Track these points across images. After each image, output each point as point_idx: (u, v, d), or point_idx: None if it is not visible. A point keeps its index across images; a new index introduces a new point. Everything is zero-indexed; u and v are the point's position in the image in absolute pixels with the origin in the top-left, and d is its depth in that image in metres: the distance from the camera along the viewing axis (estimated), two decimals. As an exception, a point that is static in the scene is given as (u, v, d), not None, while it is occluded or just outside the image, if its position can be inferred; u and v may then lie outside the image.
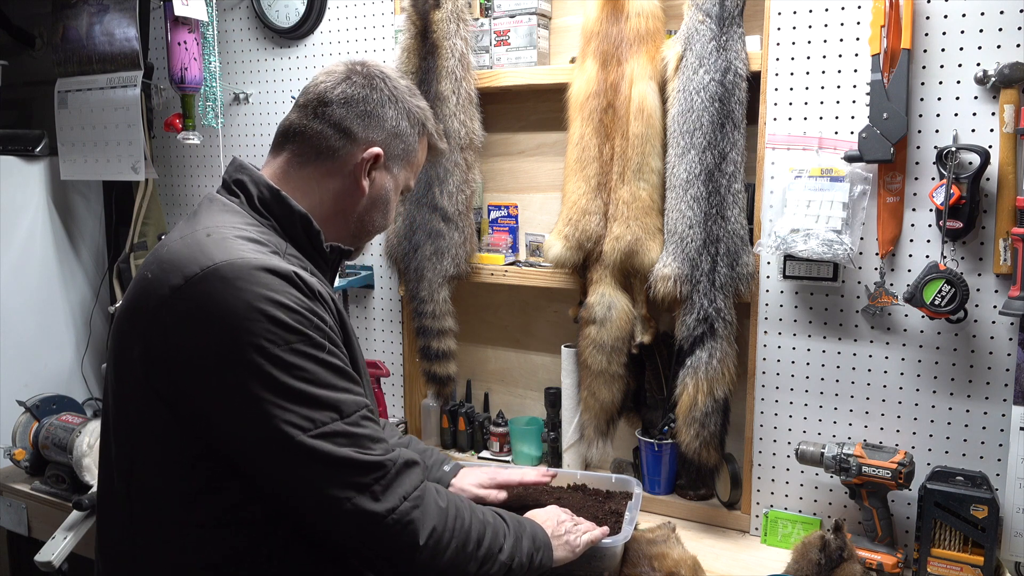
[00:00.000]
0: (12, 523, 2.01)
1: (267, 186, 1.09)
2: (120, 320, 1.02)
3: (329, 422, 0.94)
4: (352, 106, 1.13)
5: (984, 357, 1.45)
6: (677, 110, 1.62)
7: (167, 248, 1.00)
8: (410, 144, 1.19)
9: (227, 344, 0.91)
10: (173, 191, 2.48)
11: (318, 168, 1.12)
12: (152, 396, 0.95)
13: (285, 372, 0.92)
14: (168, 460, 0.98)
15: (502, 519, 1.14)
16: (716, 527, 1.73)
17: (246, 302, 0.92)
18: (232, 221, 1.04)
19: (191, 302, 0.92)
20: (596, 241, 1.72)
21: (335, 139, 1.12)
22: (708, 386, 1.63)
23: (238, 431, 0.93)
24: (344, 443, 0.94)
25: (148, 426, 0.98)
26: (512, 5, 1.87)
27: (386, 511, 0.95)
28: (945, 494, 1.39)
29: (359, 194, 1.14)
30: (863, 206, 1.50)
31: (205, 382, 0.92)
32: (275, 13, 2.18)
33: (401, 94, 1.18)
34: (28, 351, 2.34)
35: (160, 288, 0.94)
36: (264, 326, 0.91)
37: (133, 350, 0.96)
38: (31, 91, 2.74)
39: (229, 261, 0.94)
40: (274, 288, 0.94)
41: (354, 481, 0.94)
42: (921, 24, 1.44)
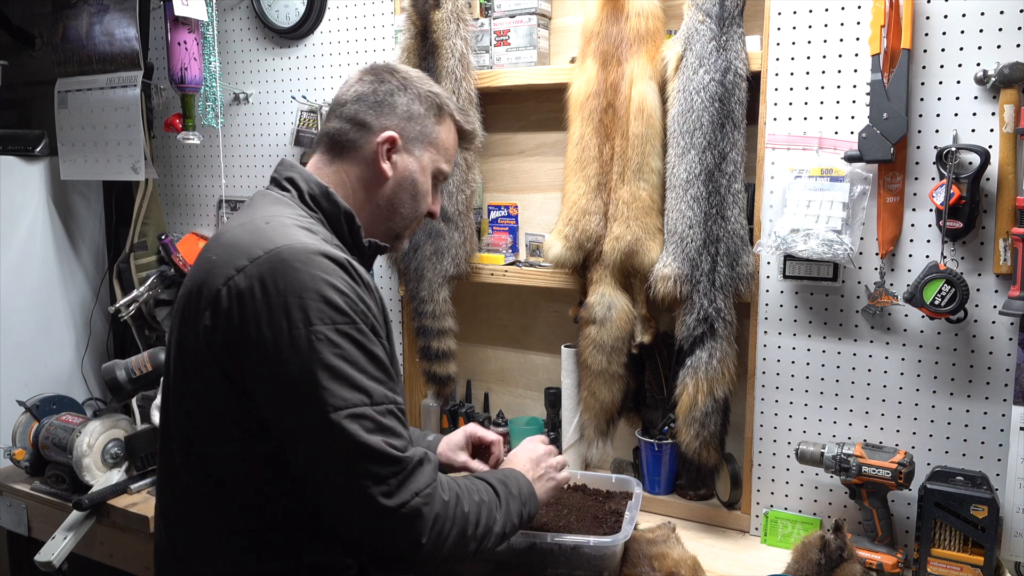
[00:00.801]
0: (12, 523, 2.01)
1: (316, 183, 1.19)
2: (185, 298, 1.09)
3: (360, 405, 0.98)
4: (364, 100, 1.23)
5: (984, 357, 1.45)
6: (677, 110, 1.62)
7: (229, 234, 1.09)
8: (427, 126, 1.26)
9: (279, 316, 0.98)
10: (173, 191, 2.48)
11: (343, 161, 1.23)
12: (214, 368, 1.02)
13: (329, 348, 0.98)
14: (224, 431, 1.05)
15: (492, 488, 1.18)
16: (716, 527, 1.73)
17: (301, 282, 0.99)
18: (286, 212, 1.13)
19: (252, 279, 1.00)
20: (596, 241, 1.72)
21: (353, 132, 1.22)
22: (708, 386, 1.63)
23: (276, 399, 1.00)
24: (370, 429, 0.98)
25: (208, 397, 1.05)
26: (512, 5, 1.87)
27: (396, 506, 0.98)
28: (945, 494, 1.39)
29: (383, 177, 1.23)
30: (863, 206, 1.50)
31: (255, 351, 0.99)
32: (275, 13, 2.18)
33: (411, 82, 1.26)
34: (28, 351, 2.34)
35: (226, 268, 1.03)
36: (315, 304, 0.99)
37: (198, 324, 1.03)
38: (31, 91, 2.74)
39: (289, 245, 1.03)
40: (328, 271, 1.02)
41: (371, 470, 0.97)
42: (921, 24, 1.44)
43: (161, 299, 2.36)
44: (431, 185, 1.29)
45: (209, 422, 1.06)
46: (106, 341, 2.58)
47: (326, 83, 2.17)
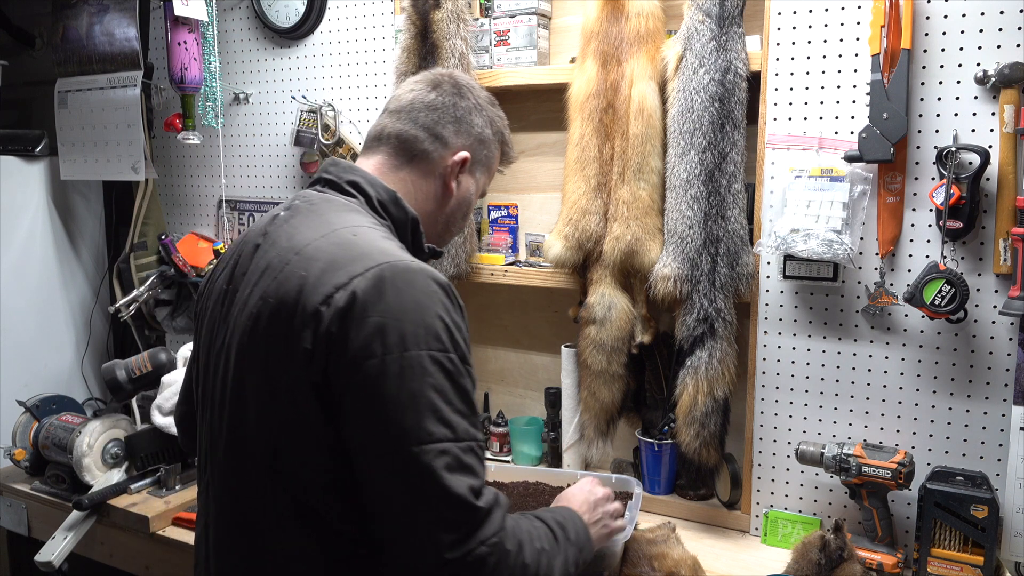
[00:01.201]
0: (12, 523, 2.01)
1: (384, 188, 1.14)
2: (265, 315, 1.01)
3: (443, 440, 0.93)
4: (444, 112, 1.20)
5: (984, 357, 1.45)
6: (677, 110, 1.62)
7: (313, 246, 1.02)
8: (491, 151, 1.27)
9: (376, 338, 0.94)
10: (173, 191, 2.47)
11: (413, 170, 1.19)
12: (308, 391, 0.97)
13: (422, 378, 0.94)
14: (316, 459, 0.99)
15: (552, 534, 1.11)
16: (716, 527, 1.73)
17: (403, 304, 0.95)
18: (364, 221, 1.08)
19: (355, 298, 0.95)
20: (596, 241, 1.72)
21: (428, 143, 1.18)
22: (708, 386, 1.63)
23: (361, 423, 0.95)
24: (451, 467, 0.93)
25: (301, 424, 0.99)
26: (512, 5, 1.87)
27: (461, 555, 0.93)
28: (945, 494, 1.39)
29: (448, 196, 1.22)
30: (863, 206, 1.50)
31: (349, 371, 0.95)
32: (275, 13, 2.18)
33: (485, 103, 1.26)
34: (28, 351, 2.34)
35: (322, 285, 0.97)
36: (413, 328, 0.95)
37: (295, 346, 0.97)
38: (31, 91, 2.74)
39: (391, 263, 0.98)
40: (430, 294, 0.98)
41: (443, 514, 0.93)
42: (921, 24, 1.44)
43: (161, 299, 2.37)
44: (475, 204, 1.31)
45: (301, 449, 0.99)
46: (106, 341, 2.58)
47: (326, 83, 2.17)
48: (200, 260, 2.31)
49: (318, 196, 1.14)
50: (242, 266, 1.11)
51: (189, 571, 1.72)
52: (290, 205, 1.14)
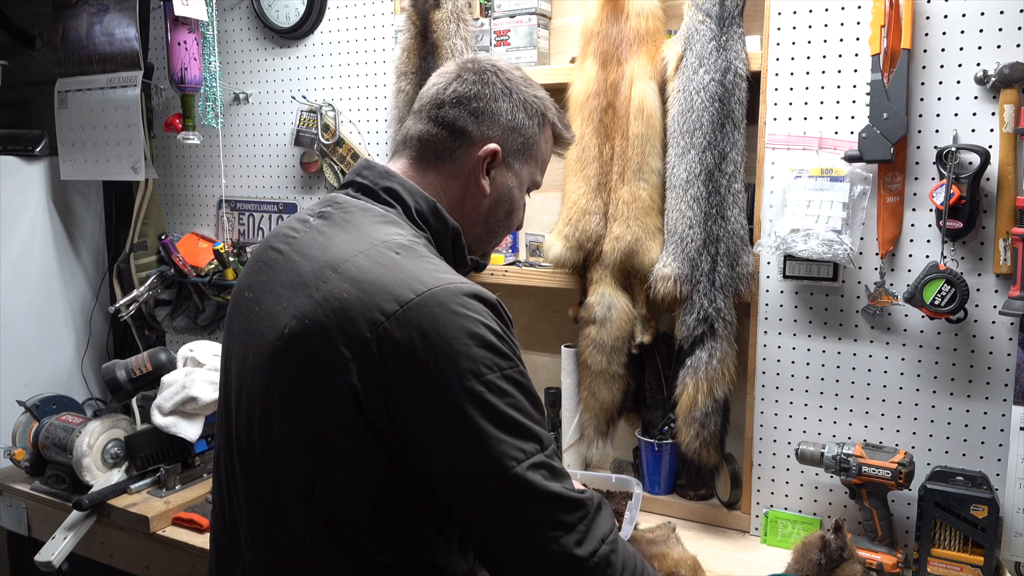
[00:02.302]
0: (12, 523, 2.01)
1: (423, 197, 1.07)
2: (300, 336, 0.94)
3: (535, 453, 0.91)
4: (465, 104, 1.10)
5: (984, 357, 1.45)
6: (677, 110, 1.62)
7: (353, 264, 0.95)
8: (530, 137, 1.14)
9: (446, 368, 0.89)
10: (173, 191, 2.47)
11: (439, 172, 1.11)
12: (360, 423, 0.92)
13: (500, 399, 0.90)
14: (363, 488, 0.95)
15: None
16: (716, 527, 1.72)
17: (464, 328, 0.91)
18: (406, 235, 1.02)
19: (410, 329, 0.89)
20: (596, 241, 1.72)
21: (450, 140, 1.10)
22: (708, 386, 1.63)
23: (448, 457, 0.91)
24: (549, 476, 0.91)
25: (349, 455, 0.93)
26: (512, 5, 1.87)
27: (588, 554, 0.91)
28: (945, 494, 1.39)
29: (481, 194, 1.12)
30: (863, 206, 1.50)
31: (422, 407, 0.90)
32: (275, 13, 2.18)
33: (515, 85, 1.13)
34: (28, 351, 2.34)
35: (369, 312, 0.90)
36: (480, 352, 0.90)
37: (340, 378, 0.91)
38: (31, 91, 2.74)
39: (442, 287, 0.92)
40: (484, 315, 0.94)
41: (561, 519, 0.90)
42: (921, 24, 1.44)
43: (161, 299, 2.37)
44: (525, 198, 1.19)
45: (345, 481, 0.94)
46: (106, 341, 2.58)
47: (326, 83, 2.17)
48: (200, 260, 2.31)
49: (353, 203, 1.06)
50: (265, 274, 1.04)
51: (189, 571, 1.72)
52: (322, 211, 1.07)
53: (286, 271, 1.00)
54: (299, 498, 0.96)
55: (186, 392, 1.86)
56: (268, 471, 0.99)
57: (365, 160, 1.12)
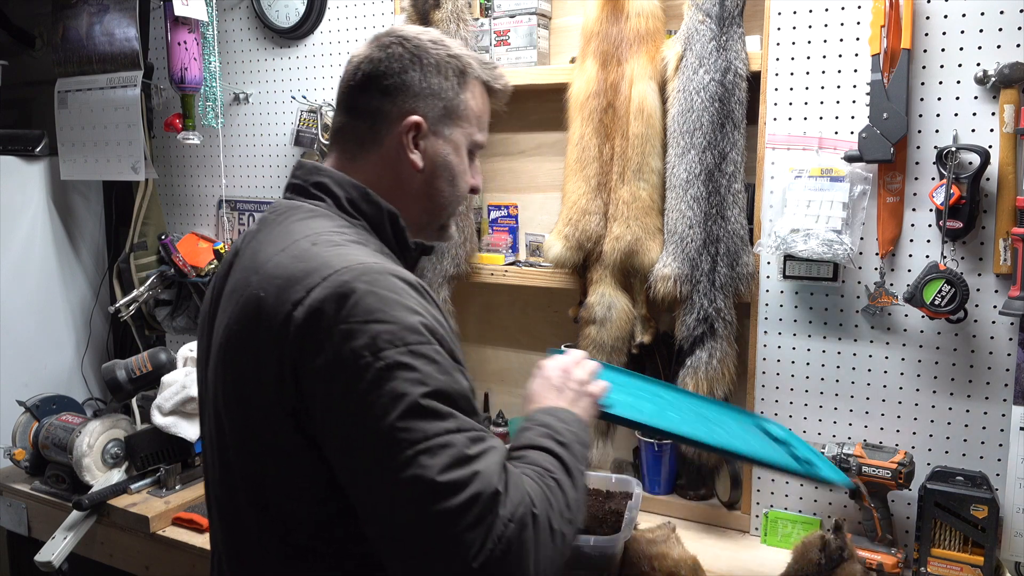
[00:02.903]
0: (12, 523, 2.01)
1: (353, 185, 1.05)
2: (232, 342, 0.95)
3: (442, 433, 0.84)
4: (374, 85, 1.06)
5: (984, 357, 1.45)
6: (677, 110, 1.62)
7: (272, 263, 0.94)
8: (451, 99, 1.09)
9: (345, 347, 0.85)
10: (173, 191, 2.47)
11: (368, 159, 1.08)
12: (286, 419, 0.90)
13: (403, 374, 0.85)
14: (303, 491, 0.93)
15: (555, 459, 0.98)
16: (716, 527, 1.72)
17: (368, 305, 0.87)
18: (328, 226, 1.00)
19: (315, 312, 0.87)
20: (596, 241, 1.72)
21: (369, 126, 1.07)
22: (708, 386, 1.63)
23: (346, 443, 0.87)
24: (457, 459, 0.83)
25: (283, 454, 0.92)
26: (512, 5, 1.87)
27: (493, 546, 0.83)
28: (945, 494, 1.39)
29: (414, 170, 1.07)
30: (863, 206, 1.50)
31: (324, 391, 0.87)
32: (275, 13, 2.18)
33: (424, 51, 1.07)
34: (28, 351, 2.34)
35: (281, 305, 0.89)
36: (385, 327, 0.86)
37: (263, 375, 0.91)
38: (31, 91, 2.74)
39: (348, 266, 0.90)
40: (397, 291, 0.90)
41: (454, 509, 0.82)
42: (921, 24, 1.44)
43: (161, 299, 2.37)
44: (468, 161, 1.13)
45: (285, 481, 0.93)
46: (106, 341, 2.58)
47: (326, 83, 2.17)
48: (200, 260, 2.31)
49: (285, 205, 1.06)
50: (221, 284, 1.05)
51: (189, 571, 1.72)
52: (262, 217, 1.08)
53: (230, 281, 1.02)
54: (254, 507, 0.95)
55: (186, 392, 1.86)
56: (226, 480, 1.00)
57: (298, 160, 1.12)
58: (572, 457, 0.99)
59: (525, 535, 0.85)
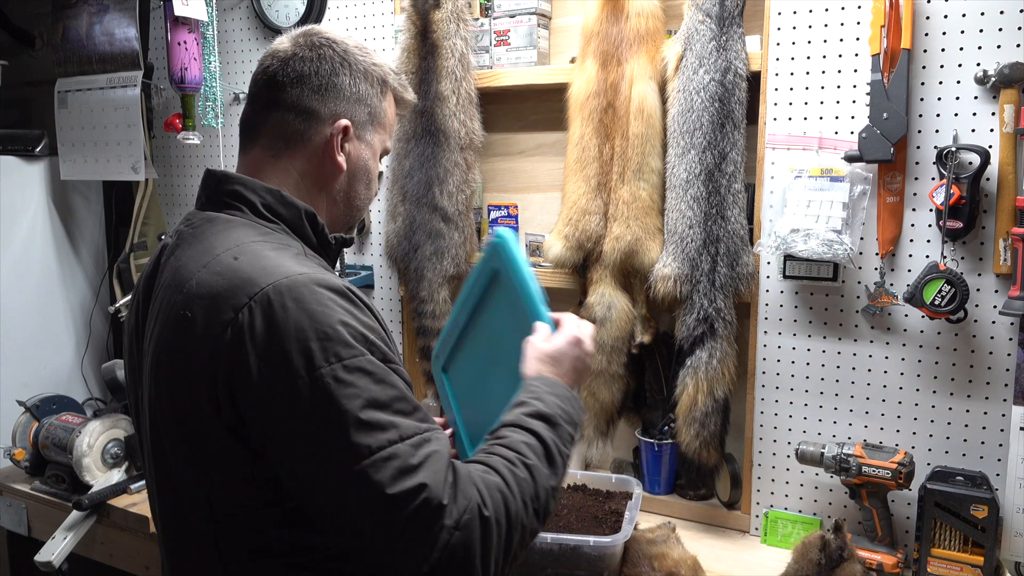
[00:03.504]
0: (12, 523, 2.01)
1: (266, 189, 1.04)
2: (163, 363, 0.96)
3: (386, 445, 0.86)
4: (306, 83, 1.06)
5: (984, 357, 1.45)
6: (677, 110, 1.62)
7: (195, 280, 0.94)
8: (375, 106, 1.12)
9: (280, 367, 0.86)
10: (173, 191, 2.47)
11: (291, 156, 1.07)
12: (227, 437, 0.91)
13: (341, 390, 0.86)
14: (248, 491, 0.93)
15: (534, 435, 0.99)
16: (716, 527, 1.72)
17: (298, 322, 0.87)
18: (248, 236, 0.99)
19: (245, 334, 0.88)
20: (596, 241, 1.72)
21: (298, 122, 1.06)
22: (708, 386, 1.63)
23: (295, 458, 0.88)
24: (402, 469, 0.86)
25: (229, 469, 0.93)
26: (512, 5, 1.87)
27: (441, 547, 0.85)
28: (945, 494, 1.39)
29: (337, 171, 1.09)
30: (863, 206, 1.50)
31: (267, 412, 0.88)
32: (275, 13, 2.18)
33: (352, 56, 1.10)
34: (28, 351, 2.34)
35: (210, 326, 0.90)
36: (318, 344, 0.87)
37: (199, 396, 0.91)
38: (31, 91, 2.74)
39: (274, 282, 0.90)
40: (324, 303, 0.90)
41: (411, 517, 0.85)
42: (921, 24, 1.44)
43: (161, 299, 2.36)
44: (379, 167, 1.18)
45: (237, 494, 0.94)
46: (106, 341, 2.58)
47: (326, 83, 2.16)
48: (200, 260, 2.30)
49: (200, 217, 1.04)
50: (144, 303, 1.05)
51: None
52: (178, 231, 1.06)
53: (153, 301, 1.02)
54: (201, 518, 0.95)
55: (186, 392, 1.85)
56: (170, 500, 1.01)
57: (206, 169, 1.10)
58: (557, 439, 1.00)
59: (471, 539, 0.86)
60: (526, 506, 0.93)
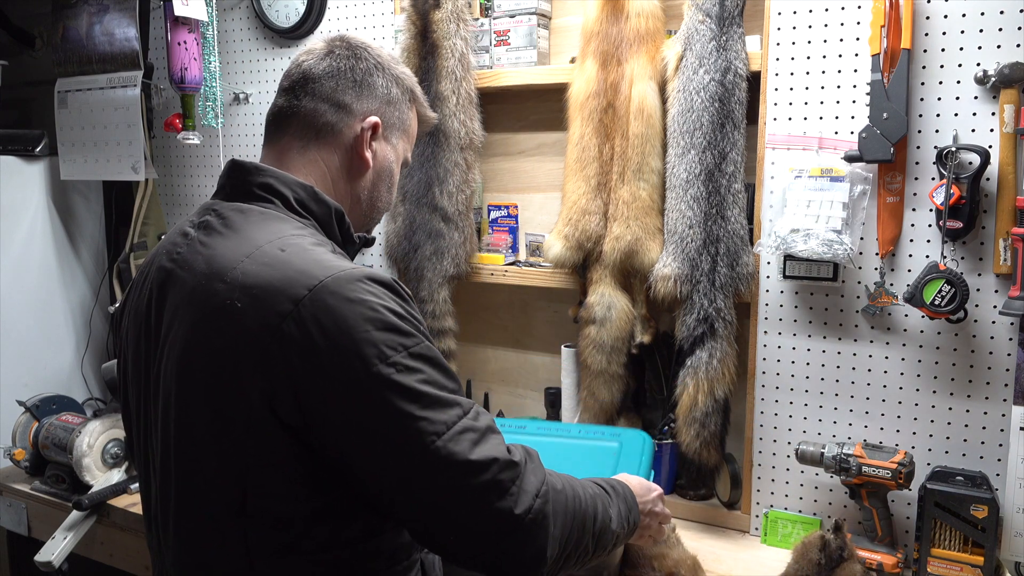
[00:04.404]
0: (12, 523, 2.01)
1: (299, 184, 1.05)
2: (198, 352, 0.94)
3: (457, 420, 0.91)
4: (342, 77, 1.09)
5: (984, 357, 1.45)
6: (677, 110, 1.62)
7: (239, 270, 0.93)
8: (403, 112, 1.17)
9: (351, 360, 0.88)
10: (173, 191, 2.48)
11: (320, 148, 1.09)
12: (276, 429, 0.91)
13: (410, 377, 0.90)
14: (293, 492, 0.94)
15: (600, 486, 1.10)
16: (716, 527, 1.72)
17: (359, 314, 0.89)
18: (287, 229, 0.99)
19: (309, 326, 0.88)
20: (596, 241, 1.72)
21: (331, 113, 1.09)
22: (708, 386, 1.63)
23: (371, 446, 0.90)
24: (476, 440, 0.92)
25: (272, 460, 0.93)
26: (512, 5, 1.87)
27: (524, 511, 0.92)
28: (945, 494, 1.39)
29: (364, 168, 1.12)
30: (863, 206, 1.50)
31: (334, 403, 0.89)
32: (275, 13, 2.18)
33: (386, 62, 1.15)
34: (28, 351, 2.34)
35: (265, 317, 0.89)
36: (381, 335, 0.89)
37: (249, 387, 0.90)
38: (31, 91, 2.74)
39: (332, 276, 0.91)
40: (380, 296, 0.93)
41: (494, 483, 0.91)
42: (921, 24, 1.44)
43: (161, 299, 2.36)
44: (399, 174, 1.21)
45: (275, 486, 0.94)
46: (106, 341, 2.58)
47: (326, 83, 2.17)
48: (200, 260, 2.30)
49: (229, 208, 1.03)
50: (159, 292, 1.01)
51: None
52: (201, 221, 1.03)
53: (178, 288, 0.98)
54: (232, 513, 0.94)
55: (186, 392, 1.85)
56: (193, 497, 0.98)
57: (232, 160, 1.08)
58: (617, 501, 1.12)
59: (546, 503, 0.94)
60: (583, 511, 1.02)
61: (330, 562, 0.97)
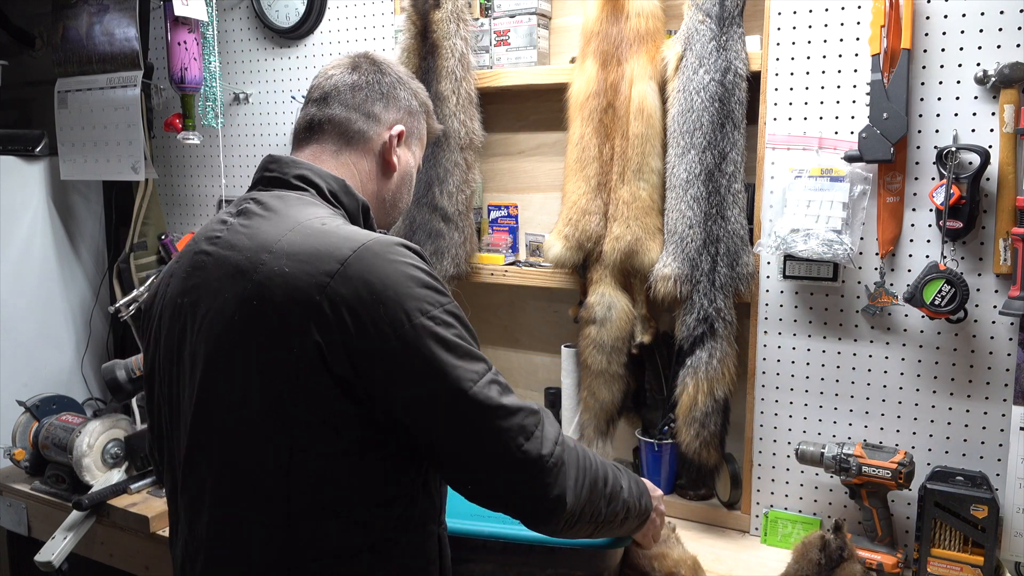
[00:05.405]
0: (12, 523, 2.01)
1: (332, 178, 1.14)
2: (247, 318, 0.99)
3: (486, 372, 1.00)
4: (370, 90, 1.21)
5: (984, 357, 1.45)
6: (677, 110, 1.62)
7: (285, 241, 1.00)
8: (420, 122, 1.29)
9: (396, 312, 0.96)
10: (173, 191, 2.48)
11: (352, 153, 1.19)
12: (327, 382, 0.97)
13: (447, 330, 0.99)
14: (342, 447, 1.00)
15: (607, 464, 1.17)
16: (716, 527, 1.72)
17: (402, 272, 0.98)
18: (324, 212, 1.08)
19: (355, 282, 0.96)
20: (596, 241, 1.72)
21: (362, 122, 1.19)
22: (708, 386, 1.63)
23: (414, 391, 0.98)
24: (502, 391, 1.00)
25: (322, 417, 0.98)
26: (512, 5, 1.87)
27: (548, 454, 1.00)
28: (945, 494, 1.39)
29: (391, 171, 1.23)
30: (863, 206, 1.50)
31: (382, 352, 0.96)
32: (275, 13, 2.18)
33: (405, 78, 1.27)
34: (28, 351, 2.34)
35: (313, 276, 0.96)
36: (422, 292, 0.98)
37: (301, 342, 0.96)
38: (31, 91, 2.74)
39: (374, 239, 1.00)
40: (412, 259, 1.02)
41: (521, 427, 0.99)
42: (921, 24, 1.44)
43: (161, 299, 2.36)
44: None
45: (321, 442, 0.99)
46: (106, 341, 2.58)
47: (326, 83, 2.17)
48: (200, 260, 2.30)
49: (268, 195, 1.10)
50: (197, 277, 1.06)
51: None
52: (241, 209, 1.10)
53: (219, 267, 1.04)
54: (278, 474, 0.99)
55: (186, 392, 1.85)
56: (234, 464, 1.02)
57: (269, 155, 1.16)
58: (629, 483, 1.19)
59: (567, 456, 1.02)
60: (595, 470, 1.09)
61: (366, 525, 1.02)
